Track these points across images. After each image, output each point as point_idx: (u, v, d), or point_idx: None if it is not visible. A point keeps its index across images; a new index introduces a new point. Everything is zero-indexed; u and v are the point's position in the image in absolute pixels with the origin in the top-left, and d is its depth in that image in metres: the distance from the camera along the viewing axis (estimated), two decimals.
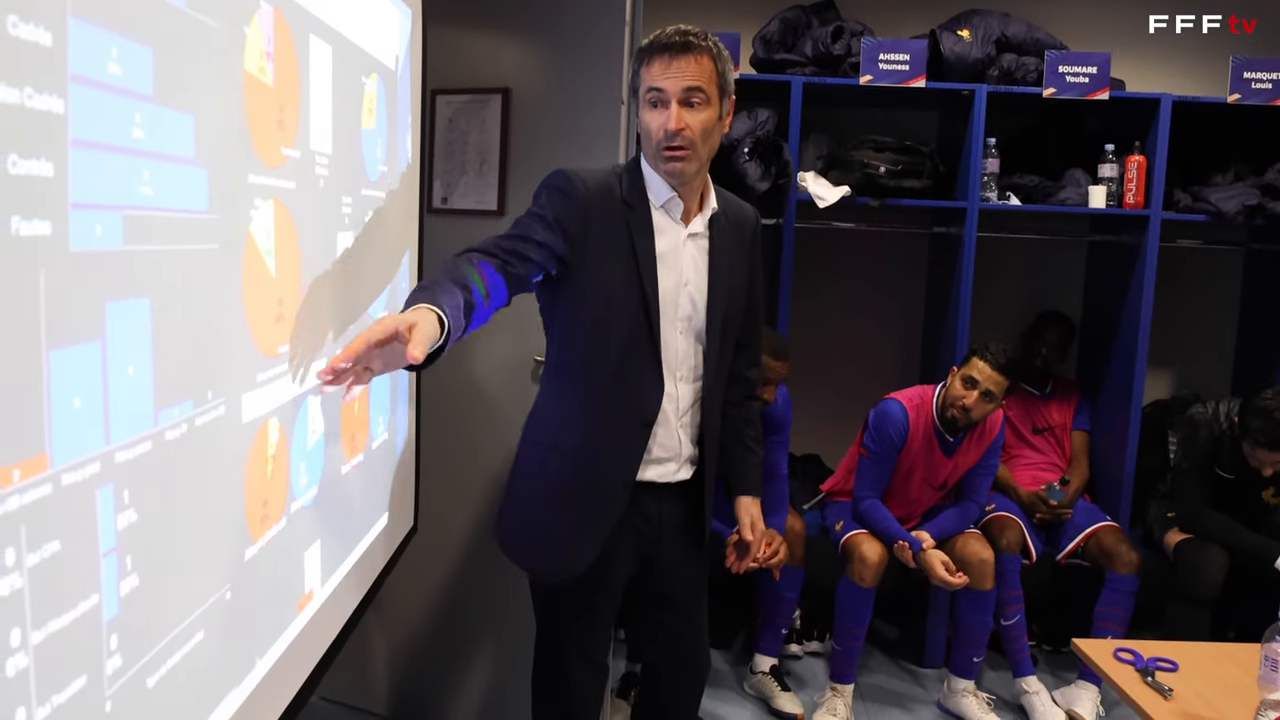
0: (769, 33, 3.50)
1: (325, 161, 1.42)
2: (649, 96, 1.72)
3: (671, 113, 1.69)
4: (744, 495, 2.08)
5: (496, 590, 2.67)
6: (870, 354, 3.94)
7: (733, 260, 1.88)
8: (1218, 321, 3.88)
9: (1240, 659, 1.90)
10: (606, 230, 1.74)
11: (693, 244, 1.83)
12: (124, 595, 0.90)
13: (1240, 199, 3.31)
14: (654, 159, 1.76)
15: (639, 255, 1.75)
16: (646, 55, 1.72)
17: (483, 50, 2.66)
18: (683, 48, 1.69)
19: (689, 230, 1.82)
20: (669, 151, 1.72)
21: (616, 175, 1.81)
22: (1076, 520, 3.38)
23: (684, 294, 1.81)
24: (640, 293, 1.75)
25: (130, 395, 0.90)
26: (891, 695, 3.30)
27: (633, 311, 1.75)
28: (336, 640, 1.58)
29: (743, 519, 2.06)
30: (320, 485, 1.45)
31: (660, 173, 1.77)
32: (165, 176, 0.95)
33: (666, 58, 1.69)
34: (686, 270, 1.82)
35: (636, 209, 1.77)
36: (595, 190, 1.75)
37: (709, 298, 1.84)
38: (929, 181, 3.42)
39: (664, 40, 1.71)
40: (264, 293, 1.20)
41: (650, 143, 1.75)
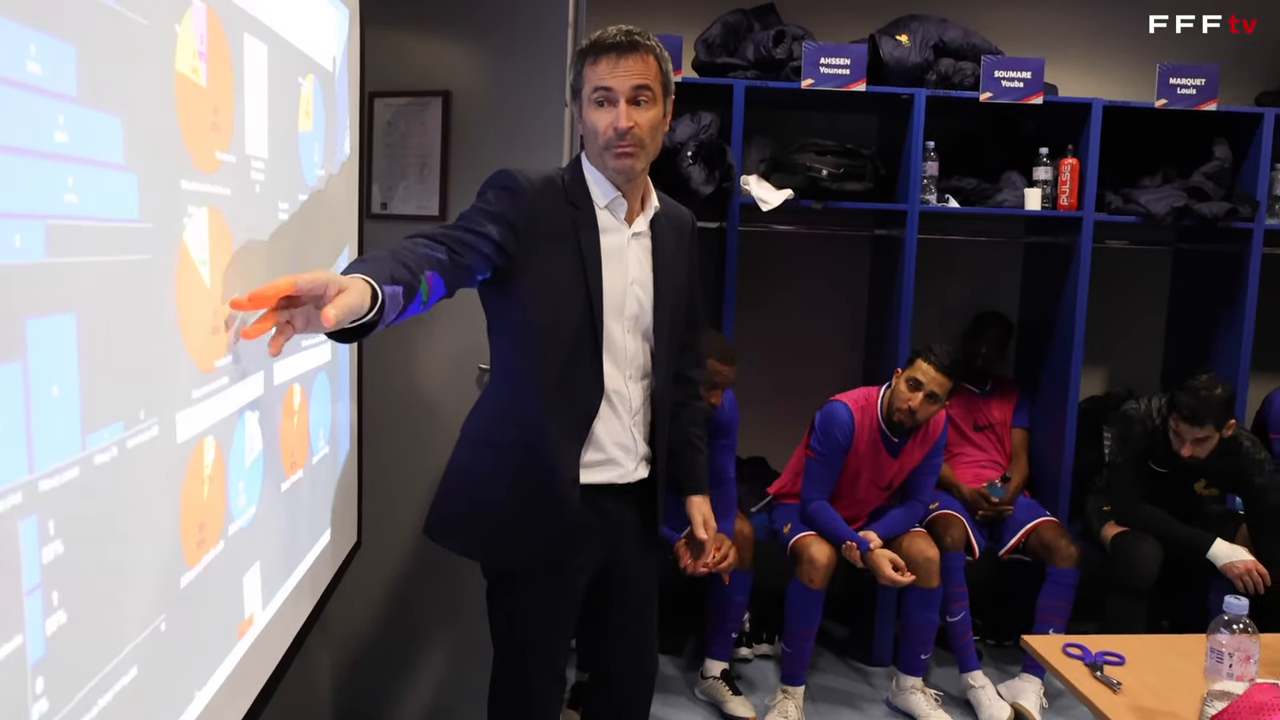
0: (711, 36, 3.49)
1: (261, 166, 1.36)
2: (595, 96, 1.72)
3: (621, 111, 1.69)
4: (694, 494, 2.09)
5: (446, 601, 2.62)
6: (814, 356, 3.95)
7: (674, 260, 1.90)
8: (1148, 319, 3.97)
9: (1184, 650, 1.93)
10: (553, 229, 1.73)
11: (637, 243, 1.84)
12: (50, 634, 0.84)
13: (1169, 201, 3.39)
14: (601, 158, 1.76)
15: (585, 253, 1.75)
16: (592, 55, 1.72)
17: (423, 52, 2.60)
18: (630, 47, 1.69)
19: (633, 230, 1.83)
20: (620, 149, 1.72)
21: (560, 176, 1.80)
22: (1018, 516, 3.43)
23: (631, 293, 1.82)
24: (585, 292, 1.75)
25: (54, 419, 0.84)
26: (841, 695, 3.31)
27: (578, 311, 1.75)
28: (280, 665, 1.51)
29: (695, 518, 2.07)
30: (259, 505, 1.39)
31: (608, 171, 1.77)
32: (92, 182, 0.89)
33: (614, 57, 1.69)
34: (632, 269, 1.82)
35: (582, 208, 1.77)
36: (541, 189, 1.74)
37: (655, 296, 1.85)
38: (870, 184, 3.45)
39: (610, 40, 1.70)
40: (199, 305, 1.14)
41: (597, 142, 1.74)
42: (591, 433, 1.80)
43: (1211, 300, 3.66)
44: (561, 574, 1.83)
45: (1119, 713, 1.66)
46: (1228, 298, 3.55)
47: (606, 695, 2.05)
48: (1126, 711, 1.66)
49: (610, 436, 1.83)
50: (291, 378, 1.54)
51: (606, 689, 2.05)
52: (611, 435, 1.83)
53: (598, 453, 1.83)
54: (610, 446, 1.84)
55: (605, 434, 1.82)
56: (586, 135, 1.77)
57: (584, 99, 1.74)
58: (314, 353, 1.69)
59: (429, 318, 2.58)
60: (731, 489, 3.15)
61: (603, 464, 1.84)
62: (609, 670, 2.03)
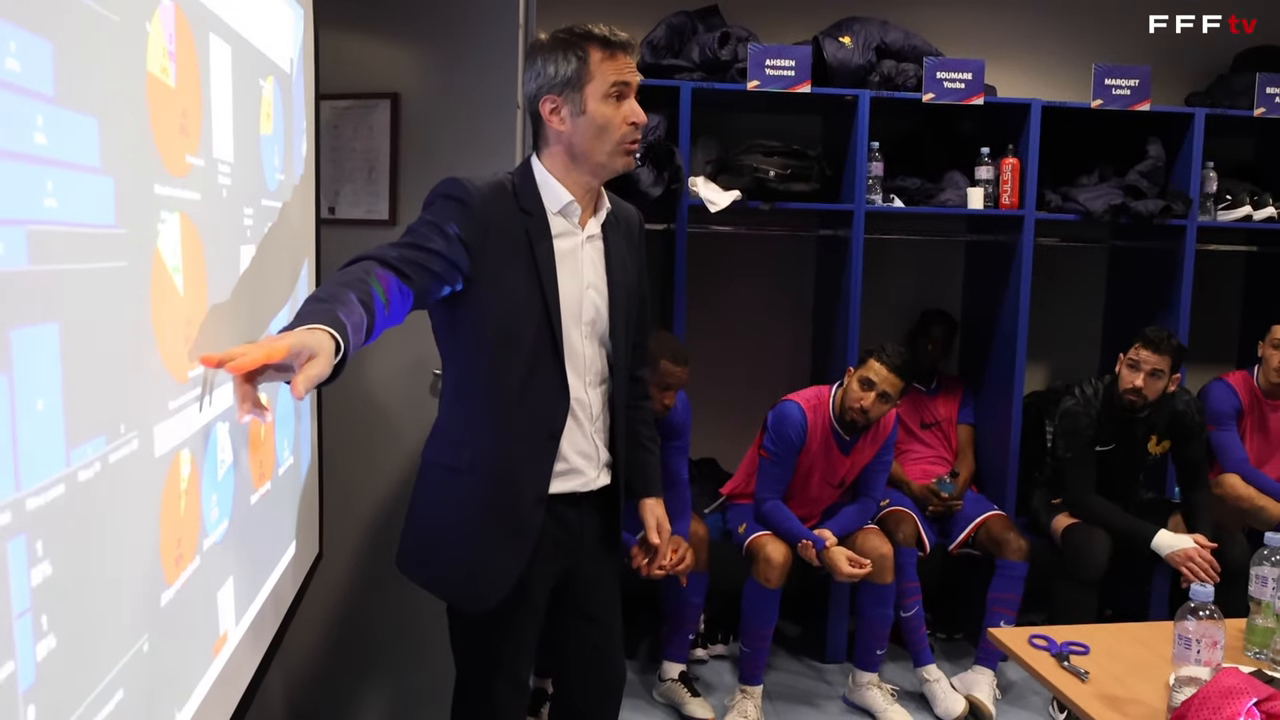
0: (656, 38, 3.49)
1: (227, 170, 1.31)
2: (613, 90, 1.67)
3: (635, 105, 1.69)
4: (647, 497, 2.06)
5: (401, 613, 2.57)
6: (762, 356, 3.98)
7: (626, 261, 1.87)
8: (1085, 315, 4.07)
9: (1145, 639, 1.98)
10: (505, 239, 1.68)
11: (590, 246, 1.80)
12: (40, 660, 0.80)
13: (1106, 199, 3.48)
14: (610, 154, 1.71)
15: (539, 262, 1.70)
16: (605, 48, 1.67)
17: (369, 54, 2.56)
18: (631, 46, 1.70)
19: (587, 233, 1.79)
20: (631, 144, 1.72)
21: (510, 181, 1.75)
22: (966, 511, 3.49)
23: (587, 297, 1.78)
24: (542, 300, 1.70)
25: (41, 433, 0.80)
26: (798, 693, 3.33)
27: (536, 320, 1.71)
28: (253, 681, 1.47)
29: (649, 520, 2.05)
30: (231, 518, 1.35)
31: (615, 167, 1.73)
32: (70, 186, 0.85)
33: (625, 54, 1.68)
34: (587, 274, 1.79)
35: (534, 215, 1.72)
36: (490, 198, 1.68)
37: (610, 299, 1.82)
38: (816, 185, 3.48)
39: (618, 37, 1.68)
40: (173, 313, 1.10)
41: (608, 137, 1.69)
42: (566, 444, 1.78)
43: (1147, 295, 3.77)
44: (524, 590, 1.79)
45: (1088, 702, 1.69)
46: (1162, 293, 3.66)
47: (570, 704, 2.02)
48: (1095, 700, 1.70)
49: (573, 446, 1.80)
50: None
51: (569, 698, 2.01)
52: (574, 445, 1.80)
53: (561, 463, 1.79)
54: (573, 456, 1.80)
55: (568, 444, 1.79)
56: (585, 131, 1.69)
57: (590, 93, 1.67)
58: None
59: None
60: (685, 490, 3.15)
61: (566, 474, 1.81)
62: (573, 682, 2.00)
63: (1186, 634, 1.61)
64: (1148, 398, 3.11)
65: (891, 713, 3.12)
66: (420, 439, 2.57)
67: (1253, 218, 3.64)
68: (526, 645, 1.87)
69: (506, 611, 1.78)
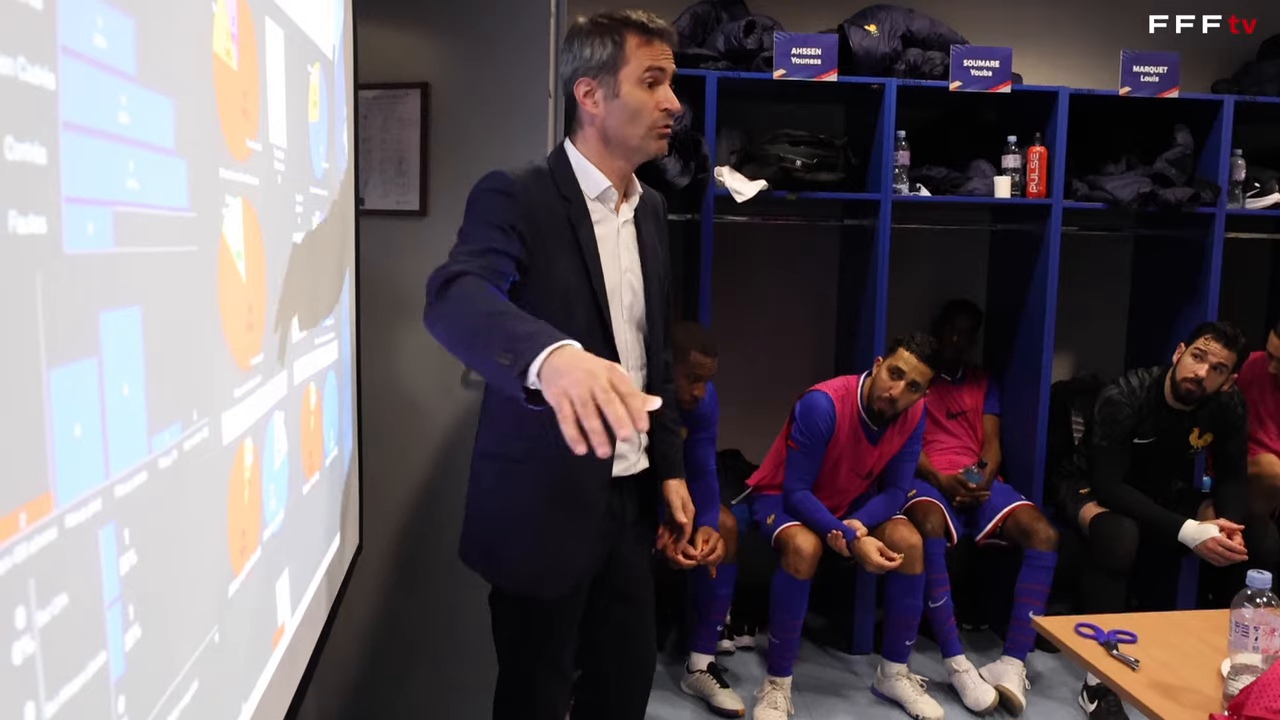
0: (681, 27, 3.46)
1: (282, 156, 1.30)
2: (647, 76, 1.69)
3: (669, 91, 1.71)
4: (672, 479, 2.05)
5: (437, 604, 2.56)
6: (786, 347, 3.95)
7: (655, 244, 1.89)
8: (1110, 304, 4.05)
9: (1192, 627, 1.97)
10: (549, 227, 1.70)
11: (625, 232, 1.82)
12: (129, 650, 0.78)
13: (1134, 187, 3.45)
14: (643, 138, 1.73)
15: (583, 247, 1.72)
16: (643, 34, 1.69)
17: (398, 43, 2.53)
18: (669, 34, 1.72)
19: (621, 218, 1.81)
20: (665, 128, 1.73)
21: (547, 170, 1.76)
22: (993, 501, 3.46)
23: (625, 282, 1.80)
24: (589, 285, 1.72)
25: (126, 419, 0.79)
26: (826, 684, 3.32)
27: (585, 305, 1.72)
28: (305, 675, 1.46)
29: (674, 501, 2.04)
30: (286, 509, 1.33)
31: (648, 151, 1.75)
32: (149, 168, 0.83)
33: (661, 40, 1.70)
34: (624, 258, 1.81)
35: (573, 201, 1.74)
36: (532, 187, 1.70)
37: (645, 284, 1.84)
38: (842, 174, 3.45)
39: (655, 24, 1.71)
40: (237, 299, 1.08)
41: (641, 121, 1.71)
42: None
43: (1173, 284, 3.74)
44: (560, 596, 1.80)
45: (1141, 691, 1.67)
46: (1189, 282, 3.63)
47: (602, 690, 2.02)
48: (1148, 689, 1.68)
49: None
50: (308, 376, 1.49)
51: (602, 684, 2.01)
52: None
53: None
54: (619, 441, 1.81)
55: None
56: (620, 115, 1.71)
57: (624, 77, 1.69)
58: (326, 350, 1.63)
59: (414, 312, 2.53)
60: (713, 481, 3.13)
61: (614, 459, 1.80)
62: (604, 666, 2.00)
63: (1243, 621, 1.59)
64: (1206, 390, 3.08)
65: (921, 704, 3.10)
66: (451, 428, 2.57)
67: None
68: (570, 633, 1.88)
69: (554, 604, 1.80)
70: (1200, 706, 1.63)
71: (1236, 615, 1.61)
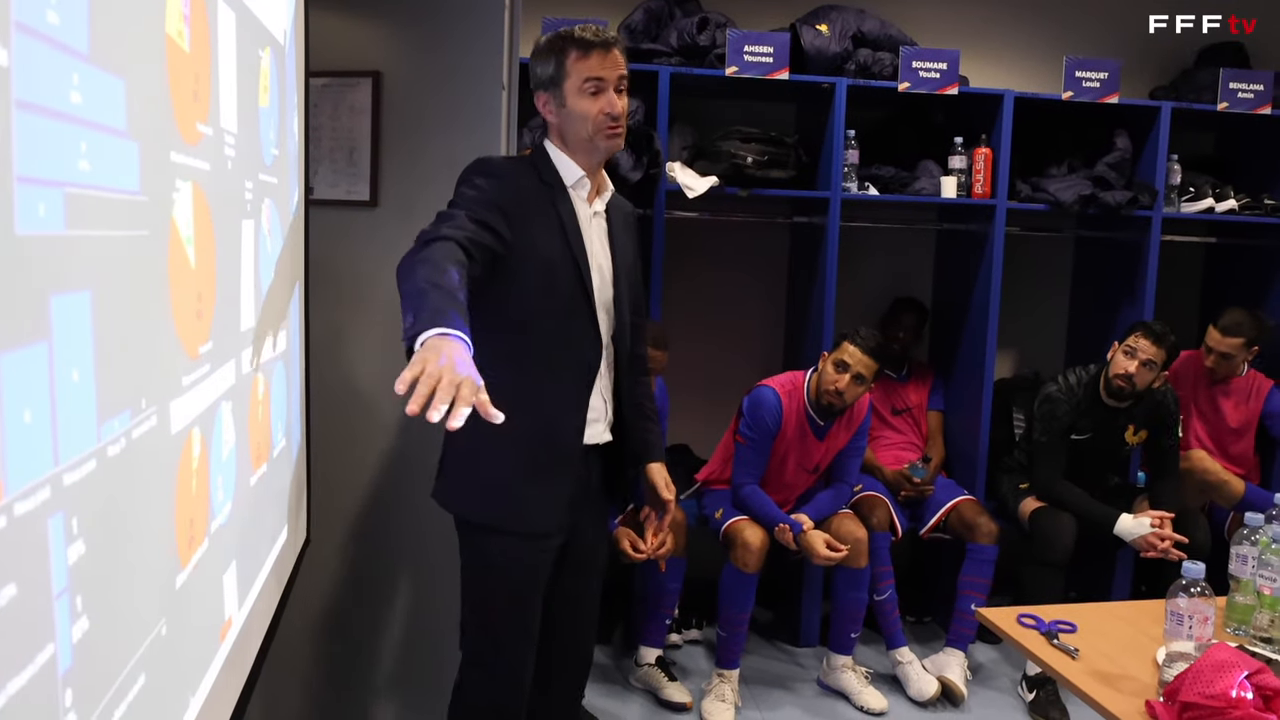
0: (634, 22, 3.47)
1: (232, 141, 1.28)
2: (588, 86, 1.88)
3: (612, 98, 1.89)
4: (653, 462, 2.20)
5: (384, 600, 2.54)
6: (735, 343, 3.98)
7: (625, 242, 2.08)
8: (1052, 303, 4.14)
9: (1129, 617, 2.02)
10: (533, 205, 1.88)
11: (596, 222, 2.01)
12: (77, 642, 0.77)
13: (1075, 190, 3.53)
14: (591, 141, 1.91)
15: (565, 226, 1.91)
16: (580, 49, 1.87)
17: (350, 31, 2.50)
18: (613, 43, 1.90)
19: (594, 209, 2.00)
20: (611, 130, 1.90)
21: (530, 160, 1.97)
22: (937, 496, 3.53)
23: (594, 267, 1.97)
24: (571, 256, 1.90)
25: (75, 406, 0.77)
26: (773, 676, 3.35)
27: (568, 275, 1.90)
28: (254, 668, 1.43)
29: (657, 481, 2.18)
30: (234, 500, 1.31)
31: (595, 153, 1.94)
32: (101, 149, 0.81)
33: (602, 52, 1.87)
34: (594, 245, 1.98)
35: (555, 186, 1.94)
36: (519, 173, 1.91)
37: (614, 270, 2.02)
38: (793, 172, 3.49)
39: (595, 37, 1.88)
40: (187, 286, 1.06)
41: (587, 126, 1.90)
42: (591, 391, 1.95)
43: (1111, 284, 3.83)
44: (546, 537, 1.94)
45: (1081, 679, 1.72)
46: (1127, 282, 3.73)
47: (545, 656, 2.08)
48: (1088, 677, 1.72)
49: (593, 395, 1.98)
50: (257, 366, 1.46)
51: (545, 651, 2.07)
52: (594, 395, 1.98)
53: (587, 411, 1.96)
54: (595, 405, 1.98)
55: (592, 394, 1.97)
56: (569, 121, 1.91)
57: (568, 89, 1.89)
58: (275, 340, 1.61)
59: (363, 304, 2.51)
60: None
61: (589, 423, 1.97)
62: (552, 632, 2.08)
63: (1178, 610, 1.64)
64: (1136, 386, 3.16)
65: (866, 695, 3.15)
66: (401, 420, 2.54)
67: (1215, 210, 3.71)
68: (538, 594, 1.98)
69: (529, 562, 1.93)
70: (1137, 693, 1.67)
71: (1172, 605, 1.65)
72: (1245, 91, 3.62)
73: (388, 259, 2.45)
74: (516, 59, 2.54)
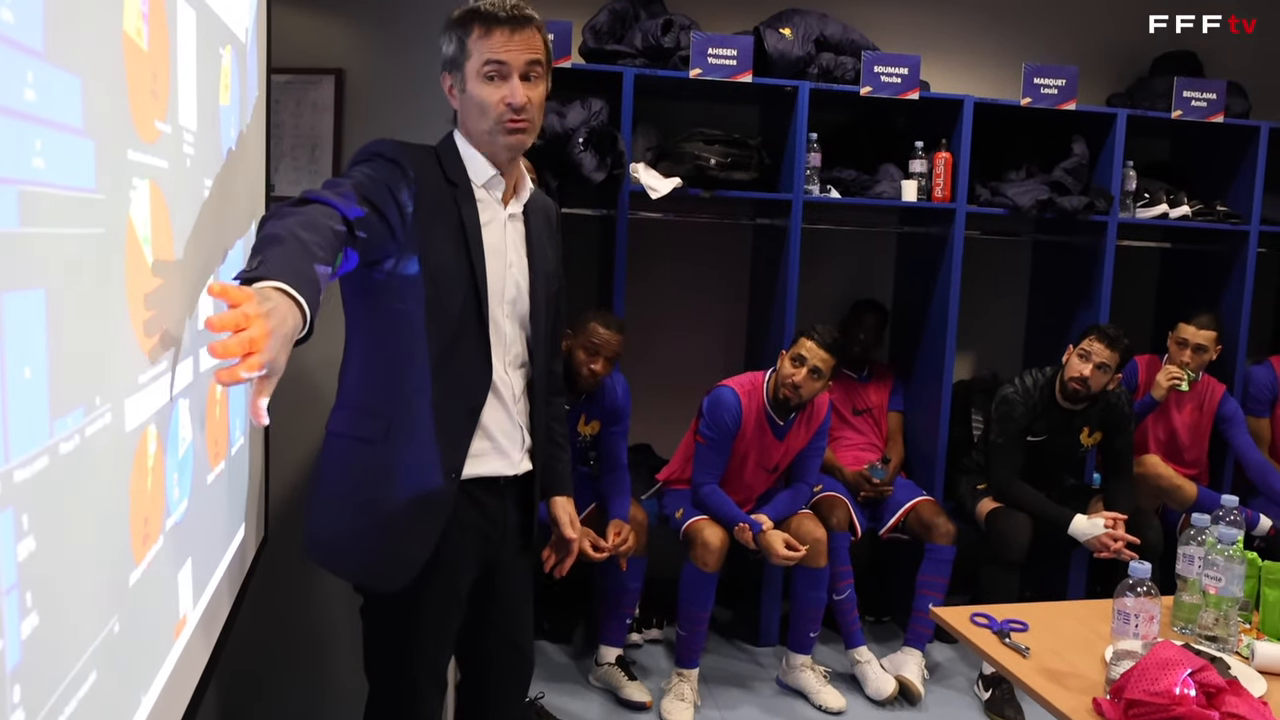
0: (598, 23, 3.48)
1: (191, 139, 1.27)
2: (486, 70, 1.63)
3: (515, 86, 1.63)
4: (559, 495, 2.03)
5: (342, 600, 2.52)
6: (697, 343, 4.00)
7: (545, 245, 1.85)
8: (1009, 307, 4.20)
9: (1079, 615, 2.06)
10: (433, 207, 1.65)
11: (512, 226, 1.78)
12: (25, 638, 0.77)
13: (1033, 194, 3.59)
14: (490, 134, 1.67)
15: (467, 233, 1.67)
16: (481, 25, 1.63)
17: (312, 28, 2.49)
18: (524, 21, 1.63)
19: (509, 211, 1.77)
20: (513, 123, 1.65)
21: (435, 152, 1.72)
22: (896, 496, 3.57)
23: (509, 276, 1.76)
24: (470, 272, 1.67)
25: (27, 403, 0.77)
26: (732, 675, 3.38)
27: (463, 292, 1.67)
28: (208, 667, 1.43)
29: (561, 518, 2.02)
30: (190, 498, 1.31)
31: (496, 148, 1.70)
32: (56, 147, 0.81)
33: (507, 31, 1.62)
34: (510, 252, 1.76)
35: (460, 186, 1.69)
36: (422, 164, 1.66)
37: (531, 280, 1.79)
38: (756, 174, 3.51)
39: (503, 12, 1.62)
40: (143, 284, 1.06)
41: (487, 117, 1.66)
42: (480, 421, 1.72)
43: (1068, 288, 3.90)
44: (447, 578, 1.74)
45: (1031, 676, 1.75)
46: (1083, 286, 3.80)
47: (482, 696, 1.97)
48: (1037, 675, 1.76)
49: (497, 424, 1.75)
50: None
51: (482, 689, 1.96)
52: (498, 423, 1.76)
53: (484, 441, 1.74)
54: (498, 435, 1.76)
55: (492, 422, 1.75)
56: (469, 110, 1.68)
57: (468, 72, 1.65)
58: None
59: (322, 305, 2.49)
60: (625, 474, 3.18)
61: (489, 454, 1.76)
62: (488, 671, 1.94)
63: (1125, 609, 1.68)
64: (1091, 389, 3.22)
65: (824, 694, 3.18)
66: None
67: (1169, 215, 3.79)
68: (447, 636, 1.82)
69: (429, 598, 1.73)
70: (1085, 691, 1.71)
71: (1119, 604, 1.69)
72: (1199, 100, 3.70)
73: None
74: None
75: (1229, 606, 1.94)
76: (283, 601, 2.53)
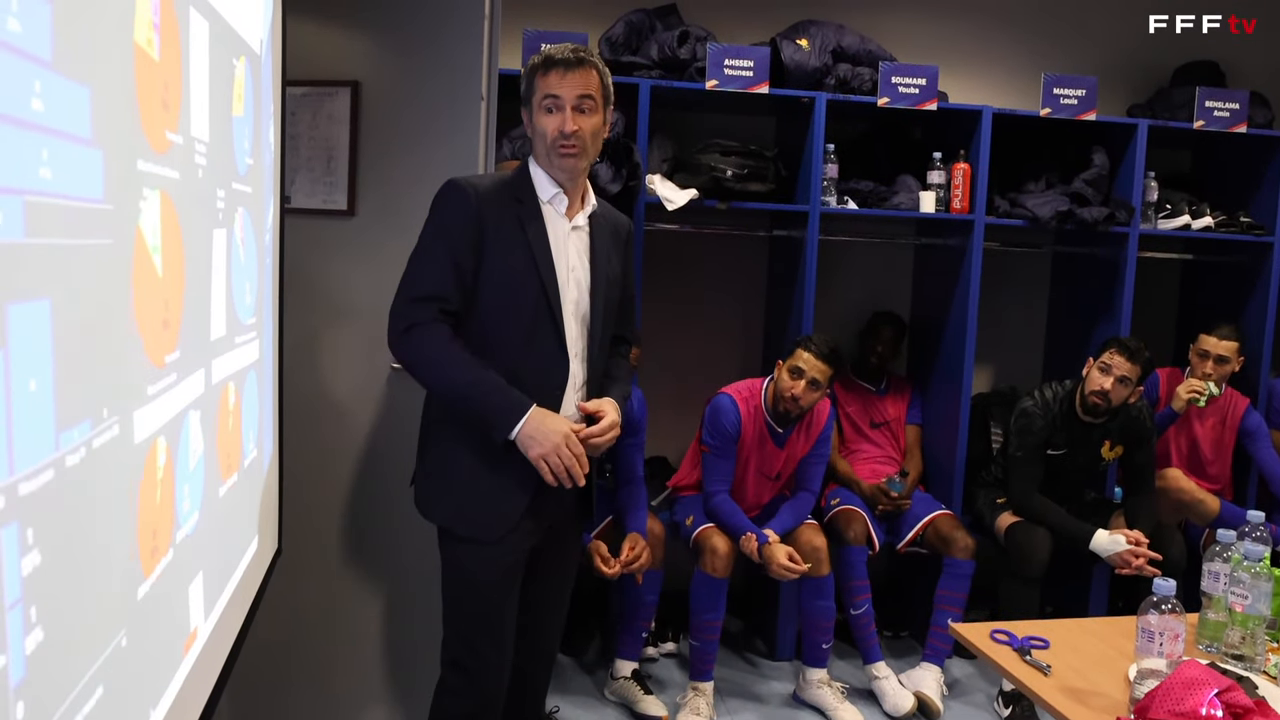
0: (615, 35, 3.48)
1: (203, 150, 1.27)
2: (545, 103, 1.94)
3: (566, 116, 1.92)
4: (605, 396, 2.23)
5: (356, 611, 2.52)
6: (714, 355, 3.98)
7: (609, 255, 2.10)
8: (1029, 319, 4.16)
9: (1101, 633, 2.03)
10: (500, 225, 1.94)
11: (575, 236, 2.04)
12: (30, 654, 0.76)
13: (1053, 205, 3.56)
14: (547, 157, 1.97)
15: (532, 243, 1.95)
16: (543, 68, 1.94)
17: (329, 40, 2.50)
18: (576, 63, 1.93)
19: (573, 223, 2.03)
20: (564, 148, 1.94)
21: (511, 178, 2.01)
22: (914, 510, 3.53)
23: (571, 280, 2.01)
24: (538, 277, 1.95)
25: (33, 415, 0.76)
26: (748, 690, 3.35)
27: (533, 295, 1.94)
28: (219, 681, 1.42)
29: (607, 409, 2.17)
30: (201, 511, 1.30)
31: (553, 169, 1.98)
32: (64, 157, 0.81)
33: (562, 70, 1.92)
34: (572, 258, 2.02)
35: (526, 203, 1.98)
36: (486, 192, 1.95)
37: (592, 284, 2.05)
38: (772, 185, 3.50)
39: (560, 55, 1.93)
40: (152, 295, 1.06)
41: (545, 143, 1.95)
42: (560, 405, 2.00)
43: (1088, 300, 3.86)
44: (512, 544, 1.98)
45: (1052, 695, 1.72)
46: (1104, 298, 3.75)
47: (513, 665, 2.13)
48: (1059, 693, 1.73)
49: (565, 411, 2.00)
50: (227, 376, 1.45)
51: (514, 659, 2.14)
52: (566, 410, 2.01)
53: None
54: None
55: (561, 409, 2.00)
56: (536, 138, 1.98)
57: (534, 106, 1.96)
58: (247, 349, 1.60)
59: (339, 313, 2.50)
60: (641, 487, 3.15)
61: None
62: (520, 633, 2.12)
63: (1149, 627, 1.64)
64: (1112, 402, 3.18)
65: (842, 711, 3.14)
66: (375, 431, 2.54)
67: (1191, 227, 3.75)
68: (511, 606, 2.03)
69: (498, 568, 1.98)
70: (1108, 710, 1.68)
71: (1143, 621, 1.66)
72: (1221, 110, 3.66)
73: (364, 268, 2.47)
74: (496, 70, 2.54)
75: (1256, 624, 1.90)
76: (297, 613, 2.52)
